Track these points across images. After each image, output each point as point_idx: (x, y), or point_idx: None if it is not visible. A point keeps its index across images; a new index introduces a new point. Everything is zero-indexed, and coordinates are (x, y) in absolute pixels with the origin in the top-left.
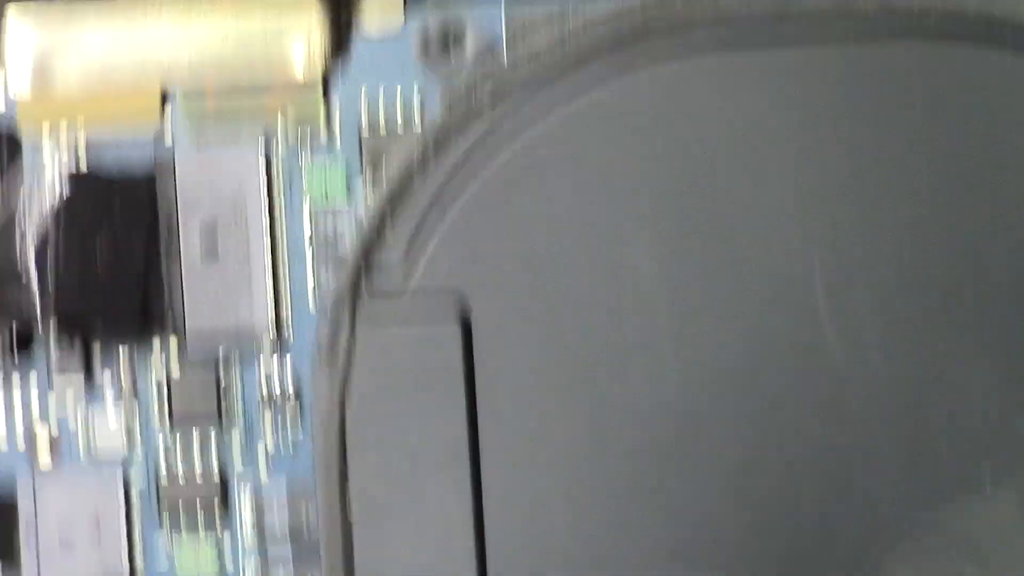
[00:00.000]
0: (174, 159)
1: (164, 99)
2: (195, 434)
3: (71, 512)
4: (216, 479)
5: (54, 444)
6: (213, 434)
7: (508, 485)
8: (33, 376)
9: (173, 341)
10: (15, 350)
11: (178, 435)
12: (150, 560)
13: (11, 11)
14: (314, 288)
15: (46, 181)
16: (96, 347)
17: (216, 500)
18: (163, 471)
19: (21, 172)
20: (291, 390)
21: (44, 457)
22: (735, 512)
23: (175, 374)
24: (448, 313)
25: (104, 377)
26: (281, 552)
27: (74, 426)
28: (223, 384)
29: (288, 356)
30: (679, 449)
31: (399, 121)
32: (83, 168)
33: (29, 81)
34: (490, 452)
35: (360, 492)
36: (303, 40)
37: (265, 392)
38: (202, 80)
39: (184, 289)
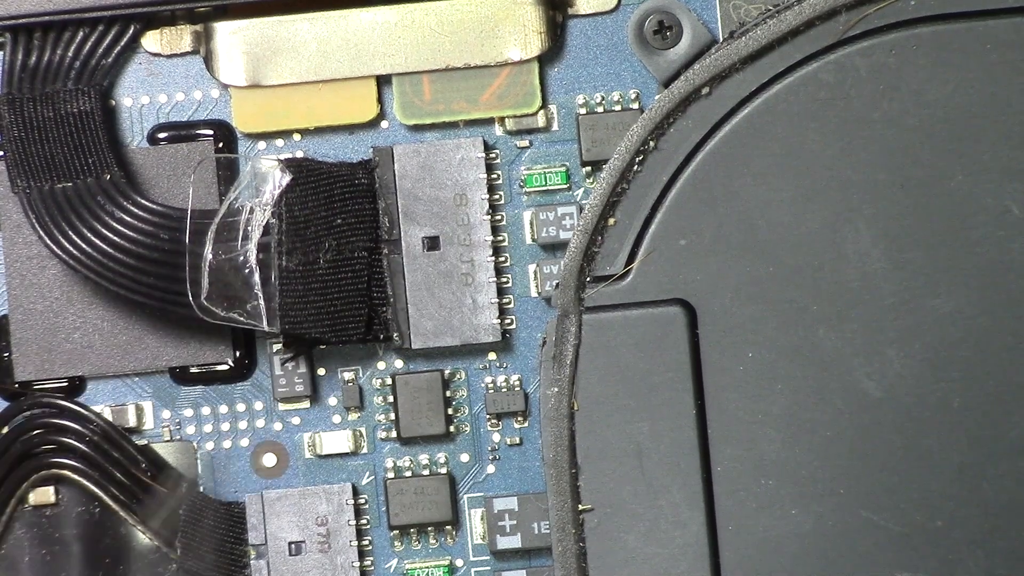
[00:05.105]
0: (392, 148)
1: (380, 88)
2: (422, 444)
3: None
4: (445, 488)
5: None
6: (440, 442)
7: (738, 479)
8: (261, 387)
9: (398, 359)
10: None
11: (405, 447)
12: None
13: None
14: (536, 274)
15: (264, 176)
16: (321, 352)
17: (446, 510)
18: (391, 482)
19: (238, 170)
20: (517, 385)
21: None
22: (964, 508)
23: (400, 384)
24: (671, 295)
25: (329, 388)
26: (511, 560)
27: (300, 439)
28: (448, 392)
29: (513, 347)
30: (907, 442)
31: (616, 101)
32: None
33: (243, 73)
34: (719, 442)
35: (590, 484)
36: (518, 22)
37: (491, 391)
38: (418, 67)
39: (406, 283)
